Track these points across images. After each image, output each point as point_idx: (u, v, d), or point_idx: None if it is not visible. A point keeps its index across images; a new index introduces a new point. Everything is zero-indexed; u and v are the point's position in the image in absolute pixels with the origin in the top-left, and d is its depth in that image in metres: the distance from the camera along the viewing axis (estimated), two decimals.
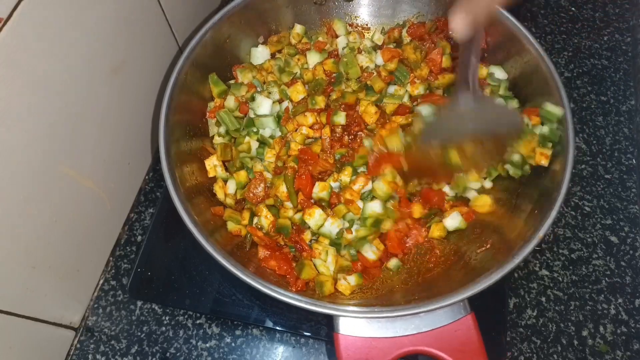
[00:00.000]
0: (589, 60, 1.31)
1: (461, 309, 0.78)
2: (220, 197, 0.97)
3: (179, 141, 0.93)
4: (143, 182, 1.16)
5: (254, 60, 1.09)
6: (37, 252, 0.82)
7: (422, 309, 0.75)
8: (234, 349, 0.97)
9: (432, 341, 0.76)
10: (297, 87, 1.00)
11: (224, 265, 0.78)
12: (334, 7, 1.15)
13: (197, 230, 0.81)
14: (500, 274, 0.77)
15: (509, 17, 0.97)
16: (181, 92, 0.93)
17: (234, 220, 0.93)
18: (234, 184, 0.97)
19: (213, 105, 1.04)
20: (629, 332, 0.97)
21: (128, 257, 1.07)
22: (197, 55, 0.96)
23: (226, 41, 1.03)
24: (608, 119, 1.22)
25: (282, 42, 1.10)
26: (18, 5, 0.64)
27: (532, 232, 0.80)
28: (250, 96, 1.01)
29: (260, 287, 0.77)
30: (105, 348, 0.98)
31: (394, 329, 0.77)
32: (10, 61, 0.65)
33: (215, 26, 0.98)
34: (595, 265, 1.04)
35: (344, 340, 0.77)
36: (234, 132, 1.01)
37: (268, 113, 1.00)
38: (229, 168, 1.00)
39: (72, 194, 0.88)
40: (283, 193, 0.93)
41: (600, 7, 1.40)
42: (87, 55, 0.82)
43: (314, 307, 0.76)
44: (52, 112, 0.77)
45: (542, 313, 0.99)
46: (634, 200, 1.11)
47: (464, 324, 0.77)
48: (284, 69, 1.05)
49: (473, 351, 0.76)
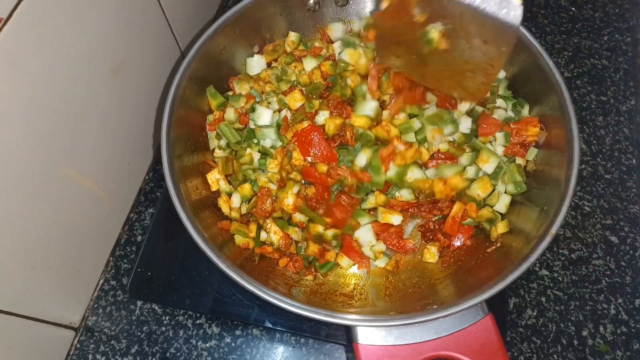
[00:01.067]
0: (589, 60, 1.31)
1: (479, 310, 0.78)
2: (225, 211, 0.97)
3: (181, 156, 0.93)
4: (143, 182, 1.16)
5: (249, 71, 1.09)
6: (37, 252, 0.82)
7: (441, 313, 0.75)
8: (234, 349, 0.97)
9: (453, 345, 0.76)
10: (295, 94, 0.98)
11: (245, 286, 0.78)
12: (328, 12, 1.14)
13: (209, 249, 0.80)
14: (517, 273, 0.77)
15: None
16: (180, 107, 0.93)
17: (241, 234, 0.93)
18: (238, 197, 0.96)
19: (212, 118, 1.03)
20: (629, 332, 0.97)
21: (128, 257, 1.07)
22: (193, 70, 0.96)
23: (222, 53, 1.03)
24: (608, 119, 1.22)
25: (278, 50, 1.10)
26: (18, 5, 0.64)
27: (545, 229, 0.80)
28: (250, 107, 1.01)
29: (283, 305, 0.76)
30: (105, 348, 0.98)
31: (414, 335, 0.77)
32: (10, 61, 0.65)
33: (210, 38, 0.98)
34: (595, 265, 1.04)
35: (364, 350, 0.77)
36: (235, 145, 0.99)
37: (269, 123, 0.99)
38: (232, 182, 0.99)
39: (72, 194, 0.88)
40: (289, 206, 0.92)
41: (600, 7, 1.40)
42: (87, 55, 0.82)
43: (332, 319, 0.76)
44: (52, 112, 0.77)
45: (542, 313, 0.99)
46: (634, 200, 1.11)
47: (483, 325, 0.77)
48: (281, 77, 1.04)
49: (494, 352, 0.76)
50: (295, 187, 0.92)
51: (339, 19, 1.16)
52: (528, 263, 0.77)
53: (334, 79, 1.02)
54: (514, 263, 0.79)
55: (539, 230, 0.81)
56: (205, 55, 0.98)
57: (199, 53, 0.96)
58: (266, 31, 1.10)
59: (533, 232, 0.83)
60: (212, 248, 0.81)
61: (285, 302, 0.76)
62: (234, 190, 0.97)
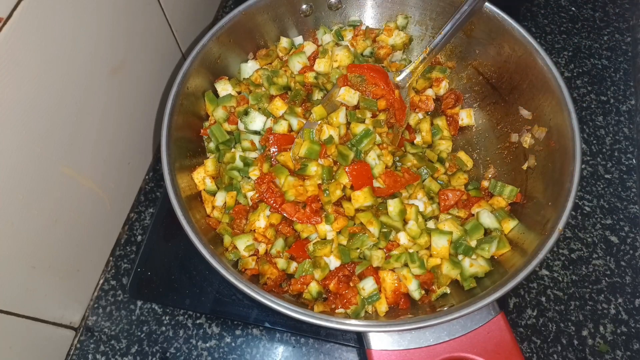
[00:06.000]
0: (589, 60, 1.31)
1: (490, 309, 0.78)
2: (208, 210, 0.97)
3: (181, 164, 0.93)
4: (143, 182, 1.16)
5: (243, 76, 1.10)
6: (37, 252, 0.82)
7: (453, 315, 0.75)
8: (234, 349, 0.97)
9: (467, 346, 0.76)
10: (276, 102, 1.00)
11: (253, 296, 0.77)
12: (320, 17, 1.15)
13: (208, 253, 0.81)
14: (526, 270, 0.77)
15: (499, 12, 0.98)
16: (179, 112, 0.94)
17: (228, 234, 0.92)
18: (223, 195, 0.96)
19: (208, 124, 1.04)
20: (629, 332, 0.97)
21: (128, 257, 1.07)
22: (190, 78, 0.97)
23: (217, 61, 1.04)
24: (608, 119, 1.22)
25: (271, 55, 1.11)
26: (18, 5, 0.64)
27: (551, 225, 0.80)
28: (243, 110, 1.01)
29: (289, 312, 0.76)
30: (105, 348, 0.98)
31: (427, 338, 0.77)
32: (11, 61, 0.65)
33: (205, 47, 0.99)
34: (595, 265, 1.04)
35: (378, 356, 0.77)
36: (223, 145, 1.00)
37: (260, 130, 1.00)
38: (217, 184, 0.99)
39: (72, 194, 0.88)
40: (260, 229, 0.91)
41: (600, 7, 1.40)
42: (87, 55, 0.82)
43: (344, 326, 0.76)
44: (52, 112, 0.77)
45: (542, 313, 0.99)
46: (634, 200, 1.11)
47: (496, 324, 0.77)
48: (272, 78, 1.05)
49: (508, 351, 0.76)
50: (266, 210, 0.91)
51: (332, 22, 1.17)
52: (537, 260, 0.77)
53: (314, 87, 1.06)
54: (519, 260, 0.80)
55: (545, 227, 0.82)
56: (201, 64, 0.99)
57: (196, 60, 0.97)
58: (260, 38, 1.11)
59: (538, 229, 0.84)
60: (212, 253, 0.81)
61: (296, 311, 0.76)
62: (219, 190, 0.97)
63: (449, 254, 0.88)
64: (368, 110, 0.98)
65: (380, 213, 0.91)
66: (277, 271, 0.88)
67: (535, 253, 0.78)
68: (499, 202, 0.96)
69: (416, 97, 1.09)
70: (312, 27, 1.16)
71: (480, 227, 0.90)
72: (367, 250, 0.89)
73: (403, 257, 0.87)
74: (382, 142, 0.98)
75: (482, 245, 0.88)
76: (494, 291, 0.76)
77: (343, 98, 0.98)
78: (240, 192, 0.95)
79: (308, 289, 0.87)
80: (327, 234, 0.89)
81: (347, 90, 0.98)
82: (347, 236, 0.90)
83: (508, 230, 0.92)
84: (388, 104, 0.99)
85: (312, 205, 0.90)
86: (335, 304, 0.86)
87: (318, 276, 0.87)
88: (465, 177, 1.01)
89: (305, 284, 0.87)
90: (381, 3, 1.14)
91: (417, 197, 0.95)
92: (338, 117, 0.96)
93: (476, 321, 0.77)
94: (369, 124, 0.97)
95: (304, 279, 0.87)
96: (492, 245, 0.87)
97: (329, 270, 0.88)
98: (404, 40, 1.13)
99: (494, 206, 0.96)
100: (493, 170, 1.04)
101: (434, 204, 0.96)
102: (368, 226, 0.88)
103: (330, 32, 1.14)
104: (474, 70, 1.10)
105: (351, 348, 0.95)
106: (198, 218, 0.91)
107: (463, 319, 0.77)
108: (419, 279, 0.87)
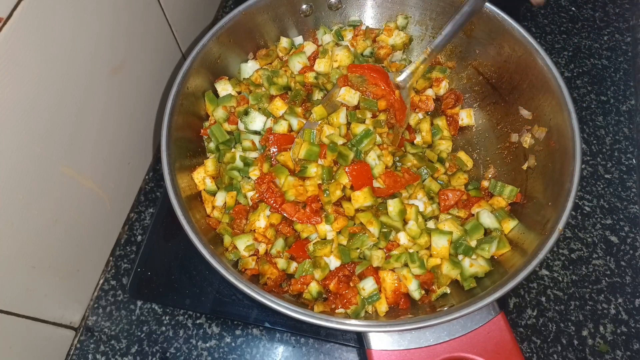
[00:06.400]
0: (589, 60, 1.31)
1: (490, 309, 0.78)
2: (208, 209, 0.97)
3: (181, 164, 0.93)
4: (143, 182, 1.16)
5: (243, 76, 1.10)
6: (37, 252, 0.82)
7: (453, 315, 0.75)
8: (234, 349, 0.97)
9: (467, 346, 0.76)
10: (276, 102, 1.00)
11: (253, 296, 0.77)
12: (320, 17, 1.15)
13: (208, 253, 0.80)
14: (526, 270, 0.77)
15: (499, 12, 0.98)
16: (180, 112, 0.94)
17: (228, 234, 0.93)
18: (223, 195, 0.96)
19: (208, 124, 1.04)
20: (629, 332, 0.97)
21: (128, 257, 1.07)
22: (190, 78, 0.97)
23: (217, 61, 1.04)
24: (608, 118, 1.22)
25: (271, 55, 1.11)
26: (18, 5, 0.64)
27: (551, 225, 0.80)
28: (243, 110, 1.01)
29: (289, 312, 0.76)
30: (105, 348, 0.98)
31: (427, 338, 0.77)
32: (11, 61, 0.65)
33: (205, 47, 0.99)
34: (595, 265, 1.04)
35: (378, 356, 0.77)
36: (223, 145, 1.00)
37: (260, 130, 1.00)
38: (217, 184, 0.99)
39: (72, 194, 0.88)
40: (260, 229, 0.91)
41: (600, 7, 1.40)
42: (87, 55, 0.82)
43: (342, 326, 0.76)
44: (52, 112, 0.77)
45: (542, 313, 0.99)
46: (634, 200, 1.11)
47: (496, 324, 0.77)
48: (272, 78, 1.05)
49: (509, 351, 0.76)
50: (266, 210, 0.91)
51: (332, 22, 1.17)
52: (538, 260, 0.77)
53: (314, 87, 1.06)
54: (519, 259, 0.80)
55: (545, 227, 0.82)
56: (201, 64, 0.99)
57: (196, 61, 0.97)
58: (260, 38, 1.11)
59: (538, 229, 0.83)
60: (212, 253, 0.81)
61: (296, 311, 0.76)
62: (219, 190, 0.97)
63: (449, 254, 0.88)
64: (368, 111, 0.98)
65: (380, 213, 0.91)
66: (277, 271, 0.88)
67: (535, 253, 0.78)
68: (499, 202, 0.96)
69: (416, 97, 1.09)
70: (312, 27, 1.16)
71: (480, 227, 0.90)
72: (367, 250, 0.89)
73: (403, 257, 0.87)
74: (382, 142, 0.98)
75: (482, 245, 0.88)
76: (494, 291, 0.76)
77: (343, 98, 0.98)
78: (240, 192, 0.95)
79: (308, 289, 0.87)
80: (327, 234, 0.89)
81: (348, 91, 0.98)
82: (347, 236, 0.90)
83: (508, 230, 0.92)
84: (388, 104, 0.99)
85: (312, 205, 0.90)
86: (335, 304, 0.86)
87: (318, 276, 0.87)
88: (465, 177, 1.02)
89: (305, 284, 0.87)
90: (381, 3, 1.14)
91: (417, 197, 0.95)
92: (338, 118, 0.96)
93: (476, 321, 0.77)
94: (369, 124, 0.97)
95: (304, 279, 0.87)
96: (492, 245, 0.88)
97: (329, 270, 0.88)
98: (404, 40, 1.13)
99: (494, 206, 0.96)
100: (493, 170, 1.05)
101: (434, 204, 0.96)
102: (368, 226, 0.88)
103: (330, 32, 1.14)
104: (474, 70, 1.10)
105: (351, 348, 0.95)
106: (198, 218, 0.91)
107: (463, 319, 0.77)
108: (419, 279, 0.87)
